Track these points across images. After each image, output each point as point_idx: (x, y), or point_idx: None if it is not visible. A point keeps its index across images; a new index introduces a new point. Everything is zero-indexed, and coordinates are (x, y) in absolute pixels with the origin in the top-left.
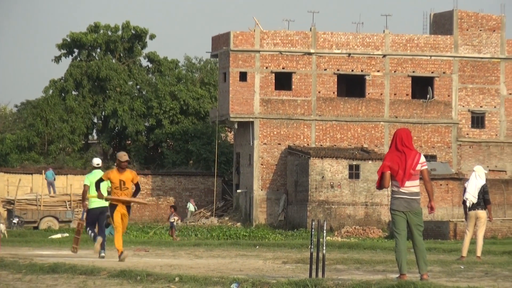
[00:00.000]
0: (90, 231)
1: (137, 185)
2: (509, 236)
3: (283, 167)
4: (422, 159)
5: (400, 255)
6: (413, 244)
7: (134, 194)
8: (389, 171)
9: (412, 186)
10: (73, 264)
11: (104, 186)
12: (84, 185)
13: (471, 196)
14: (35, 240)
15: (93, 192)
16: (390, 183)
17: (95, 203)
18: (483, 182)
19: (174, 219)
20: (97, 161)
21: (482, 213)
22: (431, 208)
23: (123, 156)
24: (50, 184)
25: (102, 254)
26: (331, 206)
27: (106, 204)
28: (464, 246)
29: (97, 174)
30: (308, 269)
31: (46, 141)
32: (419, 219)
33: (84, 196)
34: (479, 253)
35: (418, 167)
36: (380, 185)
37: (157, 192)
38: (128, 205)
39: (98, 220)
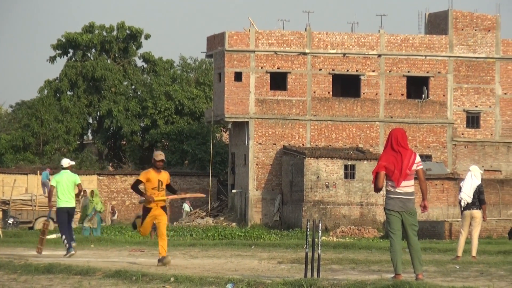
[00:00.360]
0: (63, 237)
1: (170, 186)
2: (504, 235)
3: (278, 167)
4: (418, 159)
5: (395, 255)
6: (408, 244)
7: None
8: (384, 171)
9: (407, 186)
10: (68, 264)
11: (70, 188)
12: (51, 186)
13: (466, 195)
14: (30, 241)
15: (60, 193)
16: (385, 183)
17: (62, 202)
18: (479, 182)
19: None
20: (66, 162)
21: (477, 213)
22: (424, 207)
23: (159, 155)
24: (44, 185)
25: (72, 252)
26: (326, 206)
27: (74, 203)
28: (459, 246)
29: (65, 175)
30: (303, 269)
31: (41, 141)
32: (413, 219)
33: (50, 197)
34: (474, 253)
35: (414, 167)
36: (375, 186)
37: None
38: (163, 206)
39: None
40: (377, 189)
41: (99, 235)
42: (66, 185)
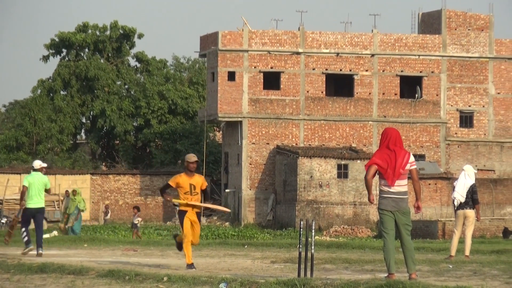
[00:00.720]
0: (24, 233)
1: (205, 192)
2: (497, 235)
3: (272, 167)
4: (412, 158)
5: (388, 254)
6: (401, 244)
7: (204, 202)
8: (376, 166)
9: (400, 185)
10: (62, 264)
11: (40, 188)
12: (23, 186)
13: (459, 195)
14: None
15: (31, 193)
16: (379, 182)
17: (32, 203)
18: (472, 181)
19: (138, 220)
20: (37, 163)
21: (470, 213)
22: (418, 208)
23: (192, 157)
24: None
25: (40, 252)
26: (319, 206)
27: (43, 204)
28: (452, 246)
29: (36, 176)
30: (296, 269)
31: (35, 141)
32: (407, 218)
33: (22, 196)
34: (467, 252)
35: (408, 167)
36: (365, 177)
37: (146, 192)
38: (198, 211)
39: (35, 220)
40: (366, 181)
41: (79, 234)
42: (37, 187)
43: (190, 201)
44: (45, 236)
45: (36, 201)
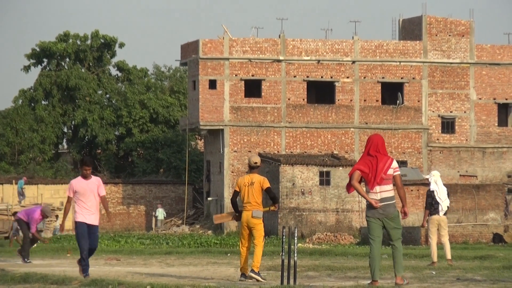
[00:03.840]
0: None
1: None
2: (480, 241)
3: None
4: (395, 164)
5: (373, 261)
6: (391, 246)
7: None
8: (359, 172)
9: (385, 191)
10: (45, 273)
11: None
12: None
13: (447, 201)
14: (6, 250)
15: None
16: (364, 189)
17: None
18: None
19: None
20: None
21: (444, 218)
22: (404, 214)
23: (255, 157)
24: (19, 194)
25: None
26: (302, 213)
27: None
28: (432, 252)
29: None
30: (279, 276)
31: (16, 151)
32: (395, 222)
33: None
34: (449, 256)
35: (390, 172)
36: (348, 184)
37: (128, 201)
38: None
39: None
40: (349, 187)
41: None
42: None
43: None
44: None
45: None
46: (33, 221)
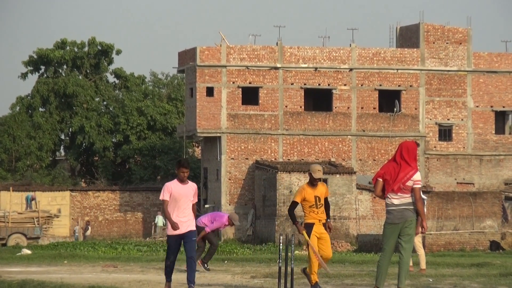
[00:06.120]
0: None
1: (326, 200)
2: (477, 248)
3: (251, 182)
4: (417, 176)
5: (380, 269)
6: (399, 255)
7: (327, 211)
8: (381, 179)
9: (404, 197)
10: (42, 280)
11: None
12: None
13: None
14: (3, 257)
15: None
16: (385, 197)
17: None
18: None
19: None
20: None
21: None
22: (422, 227)
23: (317, 171)
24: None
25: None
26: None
27: None
28: (420, 259)
29: None
30: (276, 284)
31: (14, 157)
32: (410, 228)
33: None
34: (423, 266)
35: (409, 183)
36: (375, 193)
37: (125, 208)
38: (325, 223)
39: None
40: (378, 196)
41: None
42: None
43: (316, 214)
44: (28, 252)
45: None
46: (217, 224)
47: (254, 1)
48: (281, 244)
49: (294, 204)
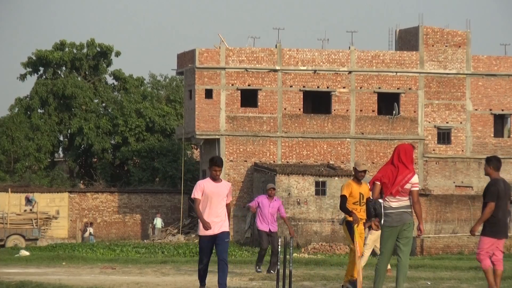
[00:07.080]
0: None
1: (366, 201)
2: (475, 251)
3: (250, 184)
4: (414, 179)
5: (378, 272)
6: (397, 258)
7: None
8: (379, 183)
9: (402, 200)
10: (40, 282)
11: None
12: None
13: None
14: (2, 258)
15: None
16: (382, 199)
17: None
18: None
19: None
20: None
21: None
22: (419, 230)
23: (362, 165)
24: (28, 202)
25: None
26: (297, 223)
27: None
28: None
29: None
30: (275, 286)
31: (12, 159)
32: (408, 231)
33: None
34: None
35: (408, 186)
36: (372, 196)
37: (124, 210)
38: (365, 222)
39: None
40: (376, 199)
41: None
42: None
43: (358, 212)
44: (26, 253)
45: None
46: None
47: (253, 3)
48: (279, 247)
49: (344, 198)
